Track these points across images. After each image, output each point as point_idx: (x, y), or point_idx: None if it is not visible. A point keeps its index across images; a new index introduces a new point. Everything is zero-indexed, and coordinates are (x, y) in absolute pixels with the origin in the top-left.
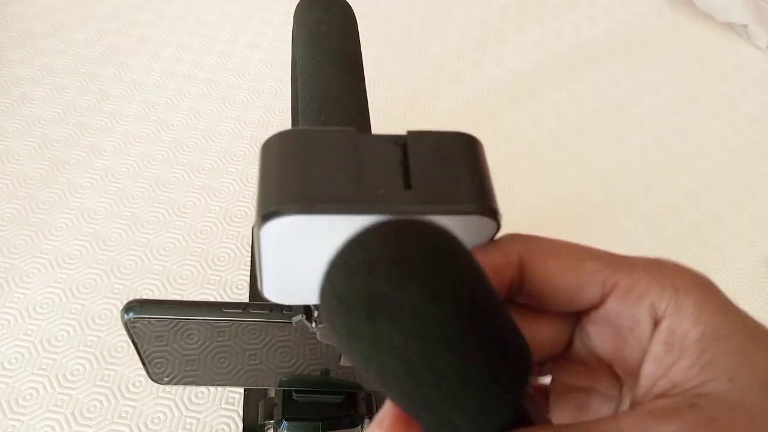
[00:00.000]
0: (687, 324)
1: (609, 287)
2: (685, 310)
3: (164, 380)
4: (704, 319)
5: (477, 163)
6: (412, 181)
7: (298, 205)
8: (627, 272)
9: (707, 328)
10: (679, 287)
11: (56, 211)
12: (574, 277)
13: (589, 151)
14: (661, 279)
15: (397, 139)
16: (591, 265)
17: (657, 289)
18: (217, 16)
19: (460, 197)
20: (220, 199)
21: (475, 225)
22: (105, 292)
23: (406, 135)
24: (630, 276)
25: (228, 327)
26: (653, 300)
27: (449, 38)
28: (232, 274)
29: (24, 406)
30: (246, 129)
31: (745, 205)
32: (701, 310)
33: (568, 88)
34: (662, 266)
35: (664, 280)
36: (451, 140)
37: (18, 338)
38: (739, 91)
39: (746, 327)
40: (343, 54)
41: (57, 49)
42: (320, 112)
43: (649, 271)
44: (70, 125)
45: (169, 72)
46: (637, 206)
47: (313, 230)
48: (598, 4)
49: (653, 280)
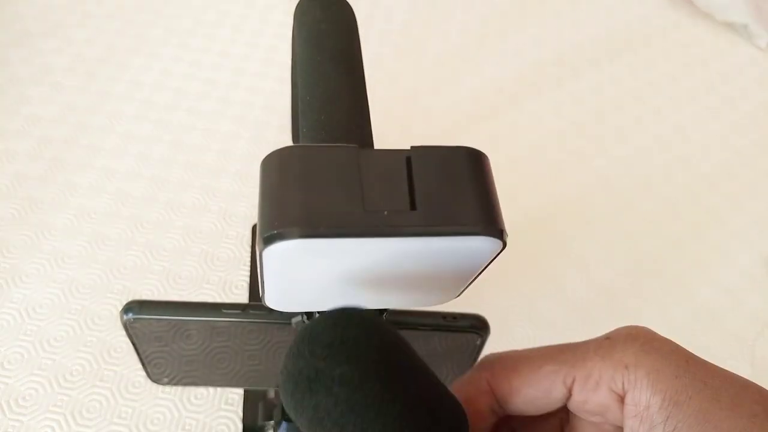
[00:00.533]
0: (646, 395)
1: (569, 383)
2: (640, 382)
3: (163, 381)
4: (660, 387)
5: (483, 180)
6: (417, 200)
7: (301, 228)
8: (580, 365)
9: (665, 396)
10: (628, 363)
11: (55, 210)
12: (536, 384)
13: (590, 150)
14: (611, 360)
15: (401, 155)
16: (548, 369)
17: (609, 372)
18: (216, 15)
19: (466, 218)
20: (220, 198)
21: (481, 244)
22: (104, 292)
23: (409, 150)
24: (583, 367)
25: (227, 328)
26: (608, 383)
27: (449, 37)
28: (232, 274)
29: (23, 406)
30: (246, 128)
31: (745, 204)
32: (655, 380)
33: (569, 87)
34: (612, 345)
35: (614, 359)
36: (456, 156)
37: (17, 338)
38: (739, 90)
39: (705, 386)
40: (343, 53)
41: (56, 48)
42: (320, 111)
43: (599, 354)
44: (69, 125)
45: (168, 71)
46: (637, 206)
47: (316, 251)
48: (599, 4)
49: (604, 364)
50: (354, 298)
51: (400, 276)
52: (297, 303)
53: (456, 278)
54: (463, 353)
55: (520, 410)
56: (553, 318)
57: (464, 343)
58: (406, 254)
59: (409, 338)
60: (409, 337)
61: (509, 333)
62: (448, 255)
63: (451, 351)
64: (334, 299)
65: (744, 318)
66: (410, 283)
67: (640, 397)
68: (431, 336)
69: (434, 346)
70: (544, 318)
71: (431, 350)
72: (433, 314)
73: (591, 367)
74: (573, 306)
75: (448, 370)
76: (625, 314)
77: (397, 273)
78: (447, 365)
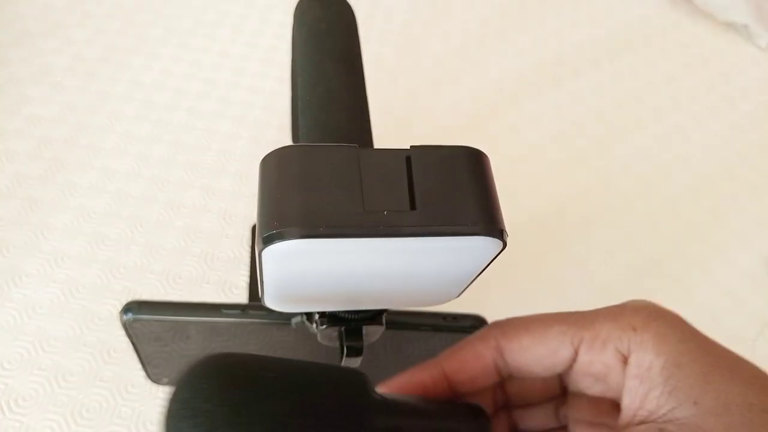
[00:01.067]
0: (650, 356)
1: (577, 343)
2: (645, 344)
3: (163, 381)
4: (664, 349)
5: (483, 180)
6: (417, 200)
7: (301, 228)
8: (589, 326)
9: (668, 357)
10: (636, 325)
11: (55, 210)
12: (545, 343)
13: (590, 150)
14: (619, 322)
15: (401, 154)
16: (558, 329)
17: (617, 333)
18: (216, 15)
19: (466, 217)
20: (220, 198)
21: (481, 244)
22: (104, 292)
23: (409, 150)
24: (592, 328)
25: (227, 328)
26: (615, 343)
27: (449, 37)
28: (232, 274)
29: (23, 406)
30: (246, 128)
31: (746, 204)
32: (660, 342)
33: (569, 87)
34: (621, 310)
35: (623, 322)
36: (456, 156)
37: (17, 338)
38: (739, 90)
39: (706, 353)
40: (343, 53)
41: (56, 48)
42: (320, 111)
43: (608, 318)
44: (69, 124)
45: (168, 71)
46: (637, 206)
47: (316, 251)
48: (599, 4)
49: (612, 325)
50: (354, 298)
51: (400, 276)
52: (296, 303)
53: (456, 278)
54: None
55: (526, 369)
56: None
57: None
58: (406, 254)
59: (409, 338)
60: (409, 337)
61: None
62: (448, 255)
63: None
64: (334, 299)
65: (744, 318)
66: (410, 283)
67: (644, 358)
68: (431, 336)
69: (434, 346)
70: None
71: (431, 350)
72: (433, 314)
73: (599, 328)
74: (573, 306)
75: None
76: None
77: (397, 273)
78: None
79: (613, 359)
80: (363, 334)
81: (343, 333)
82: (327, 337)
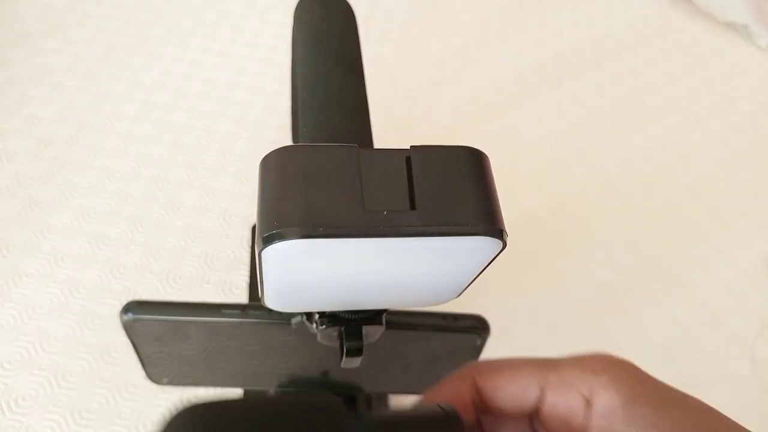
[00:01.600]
0: (611, 395)
1: (543, 385)
2: (606, 385)
3: (163, 381)
4: (623, 389)
5: (483, 180)
6: (417, 200)
7: (301, 228)
8: (556, 371)
9: (627, 395)
10: (596, 369)
11: (55, 210)
12: (516, 383)
13: (590, 150)
14: (582, 367)
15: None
16: (527, 371)
17: (580, 377)
18: (216, 15)
19: (466, 218)
20: (219, 198)
21: (481, 244)
22: (104, 292)
23: (409, 150)
24: (558, 372)
25: (227, 328)
26: (578, 386)
27: (449, 37)
28: (232, 274)
29: (23, 406)
30: (246, 128)
31: (746, 204)
32: (619, 383)
33: (569, 87)
34: (583, 357)
35: (585, 367)
36: (456, 156)
37: (17, 338)
38: (739, 90)
39: (659, 390)
40: (343, 53)
41: (56, 48)
42: (320, 111)
43: (573, 363)
44: (69, 124)
45: (168, 71)
46: (637, 206)
47: (316, 251)
48: (599, 4)
49: (576, 370)
50: (354, 298)
51: (400, 276)
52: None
53: (456, 278)
54: (463, 354)
55: (499, 407)
56: (553, 318)
57: (464, 343)
58: (406, 254)
59: (409, 338)
60: (409, 337)
61: (509, 333)
62: (448, 255)
63: (451, 351)
64: (334, 299)
65: (744, 318)
66: (410, 283)
67: (606, 398)
68: (431, 336)
69: (434, 346)
70: (544, 318)
71: (431, 350)
72: (433, 314)
73: (564, 372)
74: (573, 306)
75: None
76: (625, 314)
77: (397, 273)
78: (447, 366)
79: (576, 402)
80: (363, 334)
81: (343, 333)
82: (327, 337)
